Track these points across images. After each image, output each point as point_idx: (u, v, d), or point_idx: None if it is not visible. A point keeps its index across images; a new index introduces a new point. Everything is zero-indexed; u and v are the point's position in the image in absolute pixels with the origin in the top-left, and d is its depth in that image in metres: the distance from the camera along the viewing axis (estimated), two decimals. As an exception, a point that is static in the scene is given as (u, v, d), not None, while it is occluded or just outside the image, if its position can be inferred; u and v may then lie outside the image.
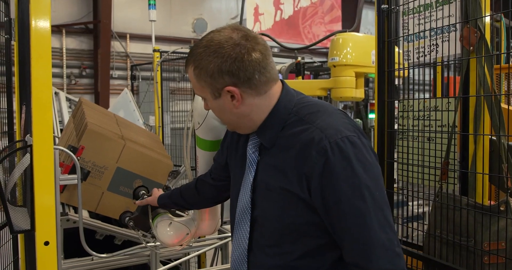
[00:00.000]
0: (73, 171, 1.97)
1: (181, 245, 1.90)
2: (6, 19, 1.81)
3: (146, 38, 7.86)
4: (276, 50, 7.65)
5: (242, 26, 1.18)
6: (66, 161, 2.06)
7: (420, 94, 2.08)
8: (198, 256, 3.34)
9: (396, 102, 2.02)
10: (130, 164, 2.18)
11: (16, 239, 1.83)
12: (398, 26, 2.01)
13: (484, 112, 1.71)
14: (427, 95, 3.35)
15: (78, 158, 1.99)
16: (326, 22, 10.15)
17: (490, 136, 1.74)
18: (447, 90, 3.12)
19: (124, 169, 2.16)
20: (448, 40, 1.80)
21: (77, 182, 1.88)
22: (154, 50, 4.44)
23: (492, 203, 1.69)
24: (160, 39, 7.73)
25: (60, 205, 2.01)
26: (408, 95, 2.01)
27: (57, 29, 7.64)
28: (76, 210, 2.22)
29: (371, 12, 10.22)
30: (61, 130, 3.13)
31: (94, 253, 2.05)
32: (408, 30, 1.96)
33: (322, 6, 10.09)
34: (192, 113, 1.78)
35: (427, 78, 2.19)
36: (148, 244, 2.06)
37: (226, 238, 2.58)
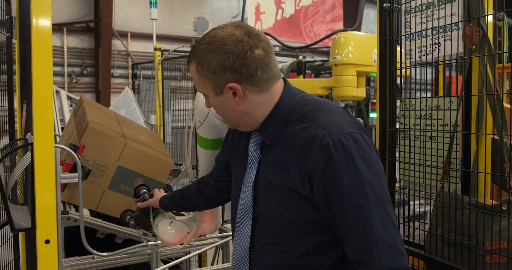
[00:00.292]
0: (74, 169, 1.97)
1: (182, 244, 1.90)
2: (7, 17, 1.81)
3: (147, 37, 7.87)
4: (277, 49, 7.64)
5: (245, 23, 1.18)
6: (67, 159, 2.06)
7: (422, 93, 2.07)
8: (199, 255, 3.34)
9: (397, 101, 2.01)
10: (131, 163, 2.18)
11: (17, 238, 1.82)
12: (400, 25, 2.00)
13: (486, 111, 1.71)
14: (429, 94, 3.35)
15: (79, 156, 1.98)
16: (327, 21, 10.13)
17: (492, 135, 1.73)
18: (449, 89, 3.11)
19: (125, 167, 2.16)
20: (450, 39, 1.79)
21: (78, 180, 1.88)
22: (155, 49, 4.43)
23: (494, 202, 1.68)
24: (161, 38, 7.71)
25: (61, 204, 2.00)
26: (410, 94, 2.00)
27: (58, 27, 7.64)
28: (77, 208, 2.22)
29: (373, 11, 10.22)
30: (62, 128, 3.13)
31: (95, 252, 2.05)
32: (410, 29, 1.96)
33: (323, 5, 10.07)
34: (193, 111, 1.78)
35: (429, 77, 2.18)
36: (149, 243, 2.06)
37: (226, 237, 2.59)
